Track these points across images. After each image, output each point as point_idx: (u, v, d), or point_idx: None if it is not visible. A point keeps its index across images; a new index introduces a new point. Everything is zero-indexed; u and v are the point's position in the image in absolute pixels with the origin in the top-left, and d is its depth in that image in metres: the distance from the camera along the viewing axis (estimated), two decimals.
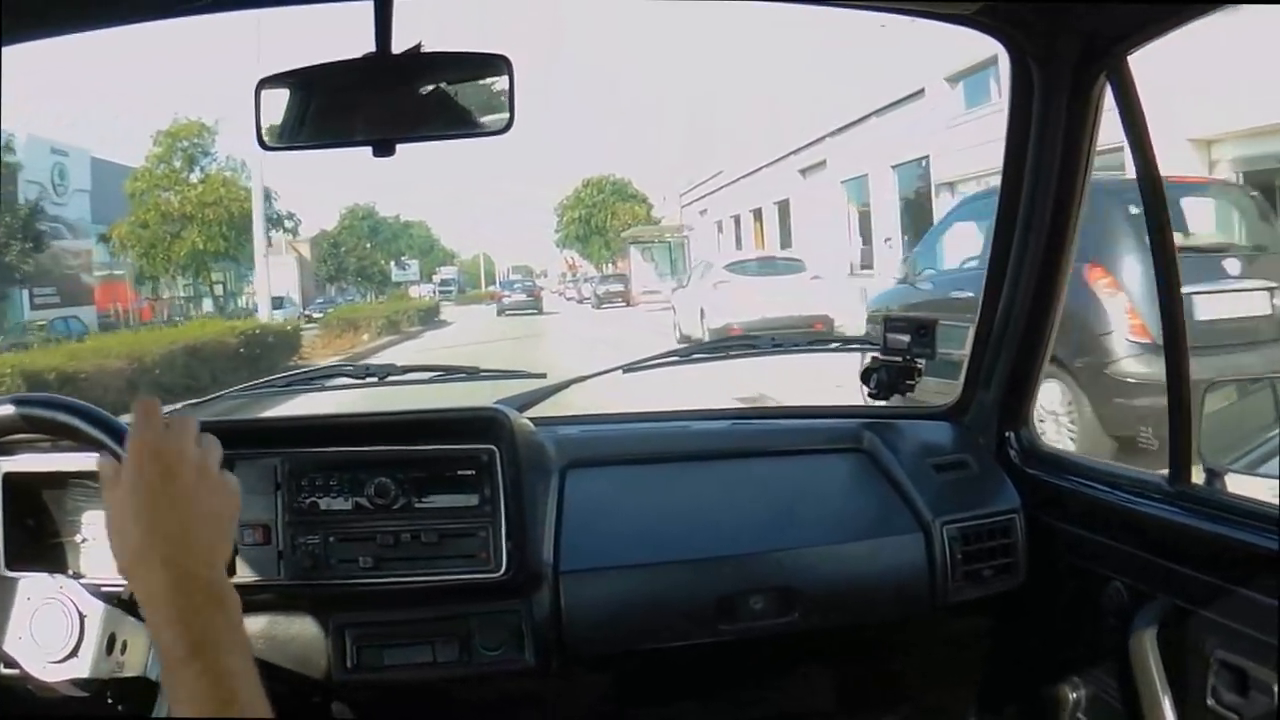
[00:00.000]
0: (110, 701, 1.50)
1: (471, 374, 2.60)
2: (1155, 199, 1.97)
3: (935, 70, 21.99)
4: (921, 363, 2.46)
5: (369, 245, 59.62)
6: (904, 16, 2.22)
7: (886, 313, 2.54)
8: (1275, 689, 1.66)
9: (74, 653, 1.45)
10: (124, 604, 1.48)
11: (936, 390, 2.67)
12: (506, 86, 1.75)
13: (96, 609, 1.47)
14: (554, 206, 59.93)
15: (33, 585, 1.51)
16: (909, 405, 2.57)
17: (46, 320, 29.95)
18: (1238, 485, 1.98)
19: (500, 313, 38.01)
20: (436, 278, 67.56)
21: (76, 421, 1.46)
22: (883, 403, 2.53)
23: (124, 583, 1.56)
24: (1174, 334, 1.97)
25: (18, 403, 1.50)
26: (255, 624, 1.97)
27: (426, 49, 1.71)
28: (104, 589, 1.51)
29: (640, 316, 29.69)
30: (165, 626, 1.11)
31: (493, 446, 2.10)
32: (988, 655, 2.48)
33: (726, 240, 39.55)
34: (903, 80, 23.48)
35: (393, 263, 61.78)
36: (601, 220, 56.15)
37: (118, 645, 1.46)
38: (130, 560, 1.16)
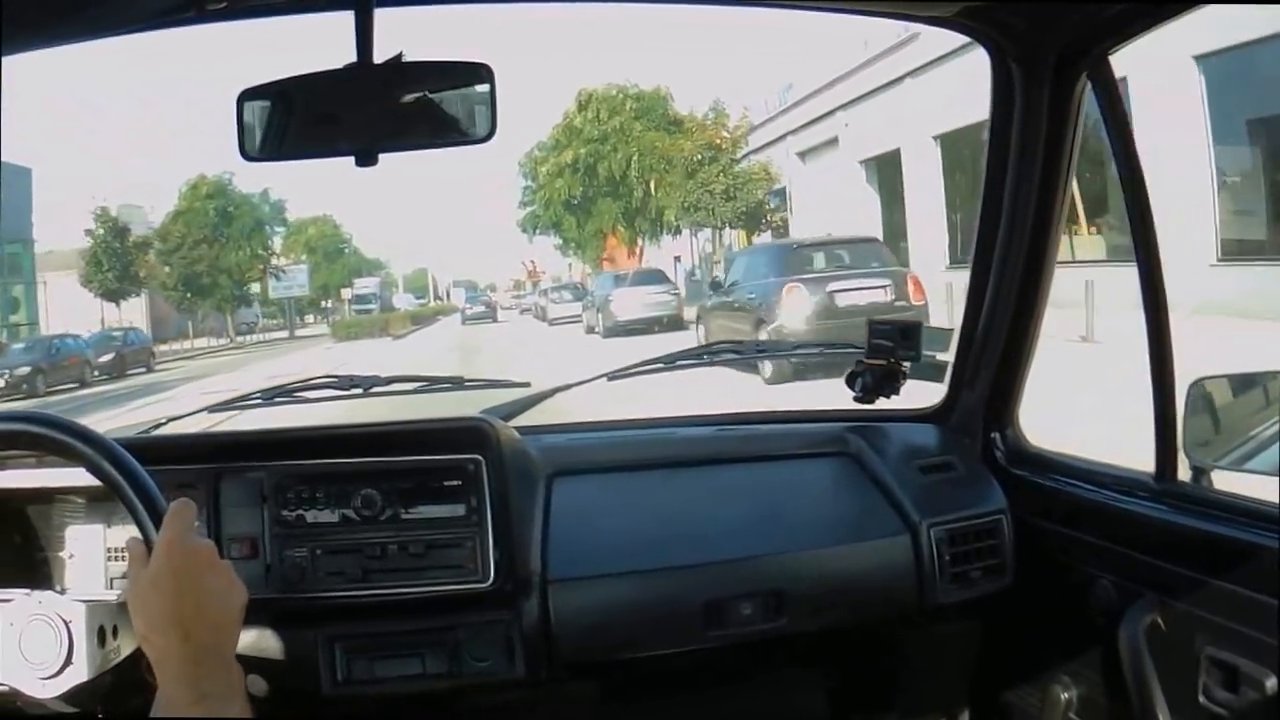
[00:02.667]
0: (100, 718, 1.50)
1: (456, 384, 2.60)
2: (1138, 199, 1.98)
3: None
4: (906, 365, 2.47)
5: (224, 238, 40.61)
6: (885, 19, 2.22)
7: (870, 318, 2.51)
8: (1266, 684, 1.67)
9: (68, 661, 1.45)
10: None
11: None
12: (488, 95, 1.75)
13: (78, 612, 1.47)
14: (519, 161, 37.14)
15: (13, 610, 1.50)
16: (894, 408, 2.57)
17: None
18: (1223, 481, 1.99)
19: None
20: (348, 293, 52.01)
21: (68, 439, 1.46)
22: (868, 406, 2.54)
23: (112, 596, 1.56)
24: (1158, 334, 1.98)
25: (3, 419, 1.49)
26: (244, 638, 1.95)
27: (408, 58, 1.71)
28: (91, 604, 1.51)
29: None
30: (175, 682, 1.28)
31: (479, 456, 2.10)
32: (978, 656, 2.48)
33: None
34: None
35: (263, 268, 42.91)
36: (620, 165, 32.23)
37: (108, 633, 1.47)
38: (150, 627, 1.32)
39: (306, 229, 53.68)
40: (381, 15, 1.68)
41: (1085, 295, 12.99)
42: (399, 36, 1.74)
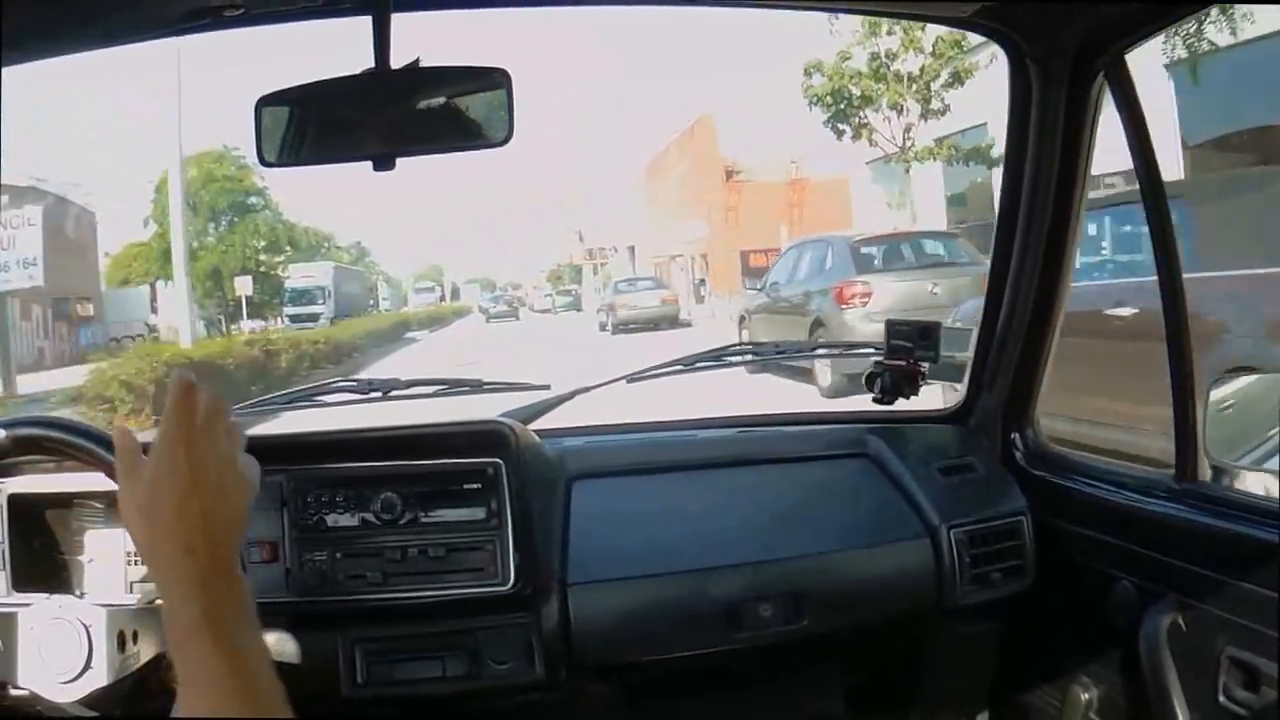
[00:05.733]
0: None
1: (475, 387, 2.60)
2: (1155, 197, 1.98)
3: None
4: (925, 366, 2.46)
5: None
6: (904, 19, 2.22)
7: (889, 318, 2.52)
8: None
9: (88, 665, 1.46)
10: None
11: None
12: (505, 99, 1.75)
13: (99, 616, 1.49)
14: None
15: (34, 613, 1.51)
16: (913, 409, 2.57)
17: None
18: (1244, 481, 1.98)
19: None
20: (244, 285, 31.67)
21: (81, 442, 1.47)
22: (887, 407, 2.53)
23: (131, 600, 1.57)
24: (1177, 332, 1.97)
25: (16, 424, 1.50)
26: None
27: (425, 63, 1.72)
28: (111, 608, 1.52)
29: None
30: (181, 603, 1.13)
31: (499, 460, 2.10)
32: (998, 657, 2.48)
33: None
34: None
35: None
36: None
37: (128, 639, 1.48)
38: (152, 539, 1.17)
39: (187, 169, 31.68)
40: (398, 21, 1.69)
41: None
42: (416, 42, 1.75)
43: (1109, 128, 2.08)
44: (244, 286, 31.42)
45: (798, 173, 30.35)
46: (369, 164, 1.75)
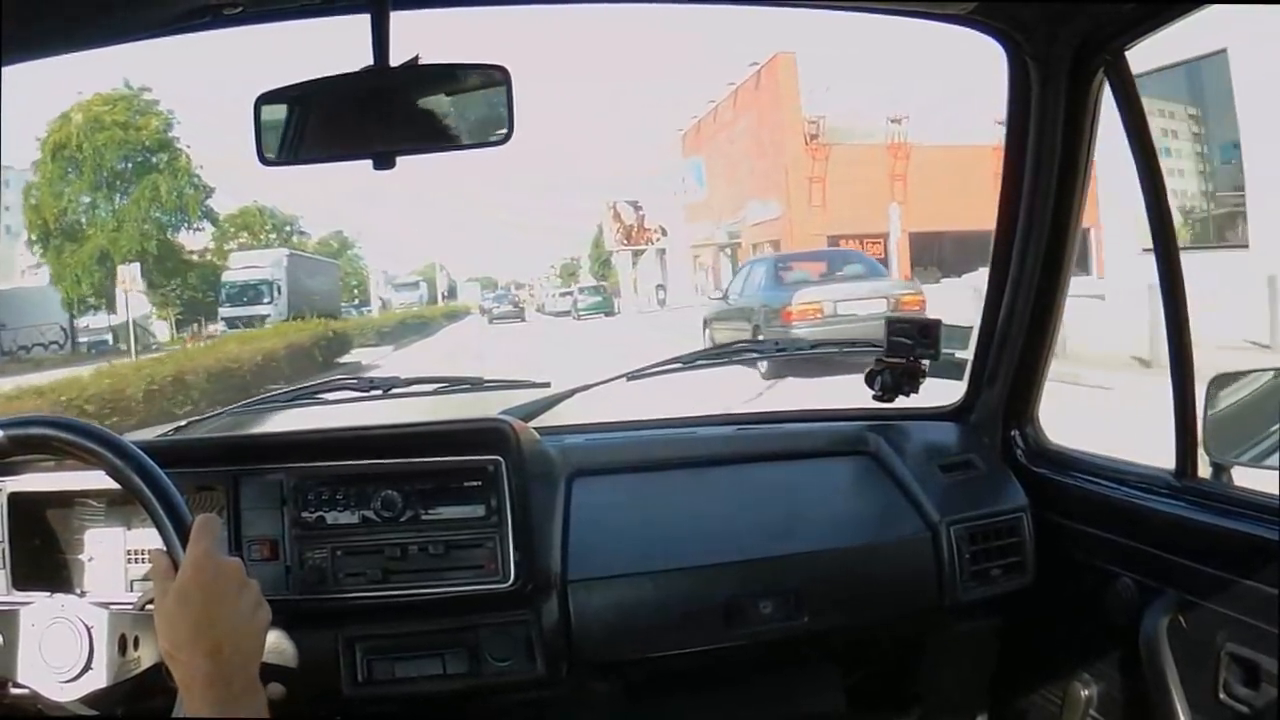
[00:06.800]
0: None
1: (475, 385, 2.60)
2: (1156, 194, 1.97)
3: None
4: (925, 364, 2.46)
5: None
6: (901, 17, 2.22)
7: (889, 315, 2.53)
8: None
9: (88, 665, 1.46)
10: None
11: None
12: (505, 96, 1.75)
13: (101, 617, 1.48)
14: None
15: (35, 611, 1.51)
16: (913, 406, 2.57)
17: None
18: (1244, 478, 1.98)
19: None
20: (127, 275, 22.82)
21: (83, 441, 1.47)
22: (887, 404, 2.53)
23: (132, 598, 1.57)
24: (1178, 330, 1.97)
25: (16, 424, 1.50)
26: None
27: (424, 61, 1.71)
28: (111, 606, 1.52)
29: None
30: (202, 702, 1.29)
31: (499, 457, 2.10)
32: (998, 654, 2.48)
33: None
34: None
35: None
36: None
37: (129, 643, 1.48)
38: (176, 647, 1.32)
39: (71, 118, 25.64)
40: (397, 19, 1.68)
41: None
42: (415, 40, 1.75)
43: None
44: (129, 278, 23.05)
45: (900, 136, 24.89)
46: (366, 160, 1.75)
